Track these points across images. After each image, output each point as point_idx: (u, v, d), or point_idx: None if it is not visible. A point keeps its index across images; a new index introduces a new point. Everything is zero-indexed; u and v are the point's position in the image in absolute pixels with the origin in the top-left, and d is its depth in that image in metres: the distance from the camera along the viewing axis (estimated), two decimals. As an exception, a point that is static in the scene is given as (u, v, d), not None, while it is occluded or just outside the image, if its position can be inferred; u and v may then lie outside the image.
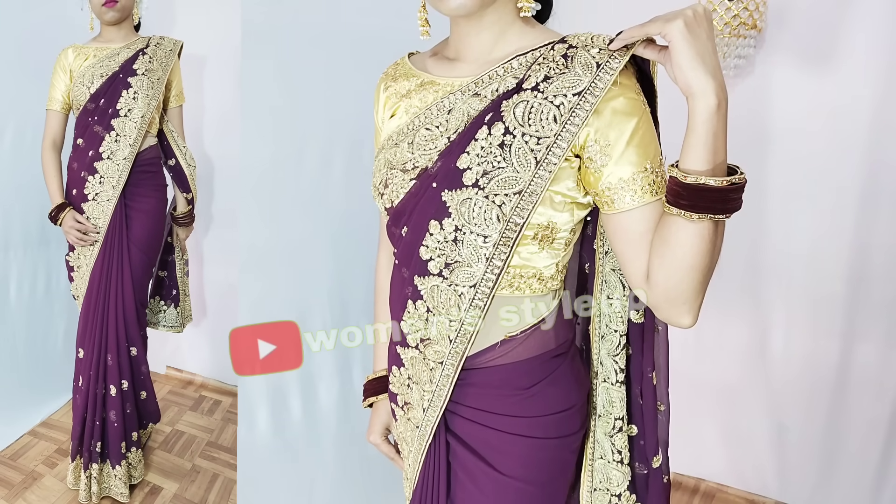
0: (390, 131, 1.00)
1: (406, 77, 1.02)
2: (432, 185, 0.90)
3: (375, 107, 1.08)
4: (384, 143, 1.01)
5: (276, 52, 1.65)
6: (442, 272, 0.91)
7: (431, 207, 0.90)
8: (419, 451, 1.04)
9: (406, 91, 1.00)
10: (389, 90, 1.04)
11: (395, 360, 1.05)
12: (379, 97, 1.06)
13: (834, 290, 2.07)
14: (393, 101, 1.02)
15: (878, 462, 2.09)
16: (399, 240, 0.98)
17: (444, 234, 0.89)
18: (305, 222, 1.76)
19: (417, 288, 0.94)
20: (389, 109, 1.03)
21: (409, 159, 0.95)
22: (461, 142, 0.89)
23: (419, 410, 1.01)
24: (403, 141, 0.97)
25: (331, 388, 1.83)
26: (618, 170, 0.85)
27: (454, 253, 0.89)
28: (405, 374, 1.03)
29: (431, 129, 0.93)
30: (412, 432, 1.05)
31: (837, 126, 1.99)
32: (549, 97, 0.85)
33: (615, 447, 1.02)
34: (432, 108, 0.94)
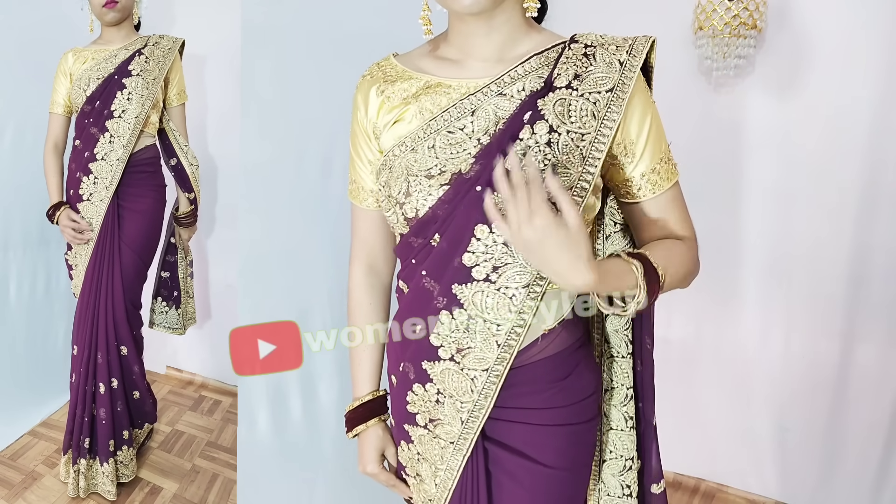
0: (400, 136, 0.95)
1: (403, 79, 0.98)
2: (475, 189, 0.89)
3: (362, 110, 1.02)
4: (394, 149, 0.96)
5: (276, 52, 1.65)
6: (489, 277, 0.90)
7: (477, 212, 0.88)
8: (455, 466, 1.01)
9: (411, 93, 0.96)
10: (386, 93, 0.98)
11: (419, 377, 1.00)
12: (369, 100, 1.00)
13: (834, 291, 2.07)
14: (395, 104, 0.97)
15: (879, 462, 2.09)
16: (424, 250, 0.95)
17: (494, 237, 0.89)
18: (305, 222, 1.75)
19: (457, 297, 0.92)
20: (390, 113, 0.97)
21: (435, 164, 0.92)
22: (499, 142, 0.89)
23: (455, 424, 0.98)
24: (421, 145, 0.93)
25: (331, 388, 1.83)
26: (640, 166, 0.95)
27: (504, 255, 0.89)
28: (432, 390, 0.99)
29: (454, 131, 0.91)
30: (441, 450, 1.01)
31: (837, 126, 1.99)
32: (584, 94, 0.89)
33: (627, 415, 1.14)
34: (451, 110, 0.91)
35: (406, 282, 1.01)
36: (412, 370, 1.01)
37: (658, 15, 2.17)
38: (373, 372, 1.15)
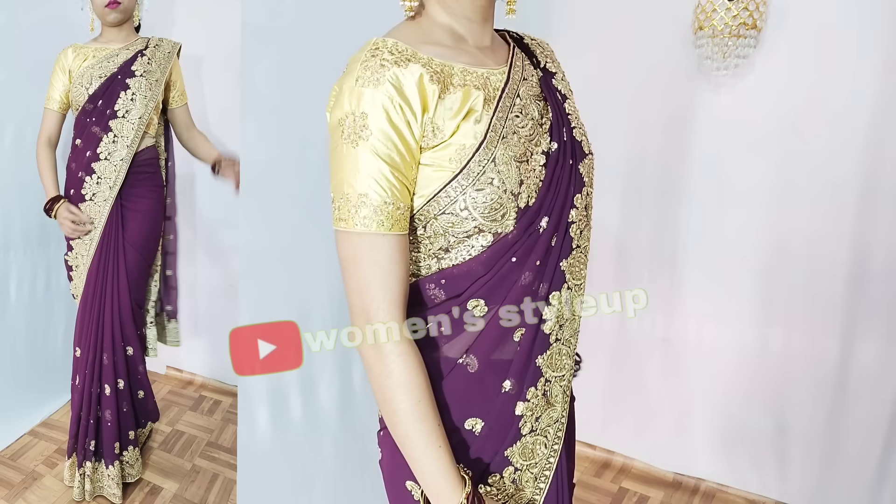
0: (483, 130, 0.87)
1: (448, 70, 0.87)
2: (569, 163, 0.93)
3: (420, 105, 0.83)
4: (490, 140, 0.86)
5: (276, 52, 1.65)
6: (579, 244, 0.95)
7: (571, 185, 0.93)
8: (557, 451, 0.99)
9: (475, 84, 0.88)
10: (454, 90, 0.86)
11: (532, 379, 0.93)
12: (426, 93, 0.83)
13: (834, 290, 2.07)
14: (464, 97, 0.86)
15: (878, 462, 2.09)
16: (529, 239, 0.90)
17: (584, 203, 0.95)
18: (305, 222, 1.75)
19: (564, 273, 0.93)
20: (459, 107, 0.86)
21: (526, 149, 0.90)
22: (558, 119, 0.95)
23: (558, 406, 0.98)
24: (511, 134, 0.89)
25: (331, 388, 1.83)
26: None
27: (585, 218, 0.96)
28: (541, 386, 0.95)
29: (521, 116, 0.91)
30: (545, 446, 0.98)
31: (836, 126, 1.99)
32: (561, 75, 1.03)
33: None
34: (505, 98, 0.90)
35: (485, 298, 0.90)
36: (523, 377, 0.93)
37: (658, 15, 2.17)
38: (453, 464, 0.89)
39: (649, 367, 2.45)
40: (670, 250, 2.33)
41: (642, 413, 2.47)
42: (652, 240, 2.36)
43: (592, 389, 2.54)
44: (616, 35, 2.26)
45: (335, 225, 0.87)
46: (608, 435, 2.56)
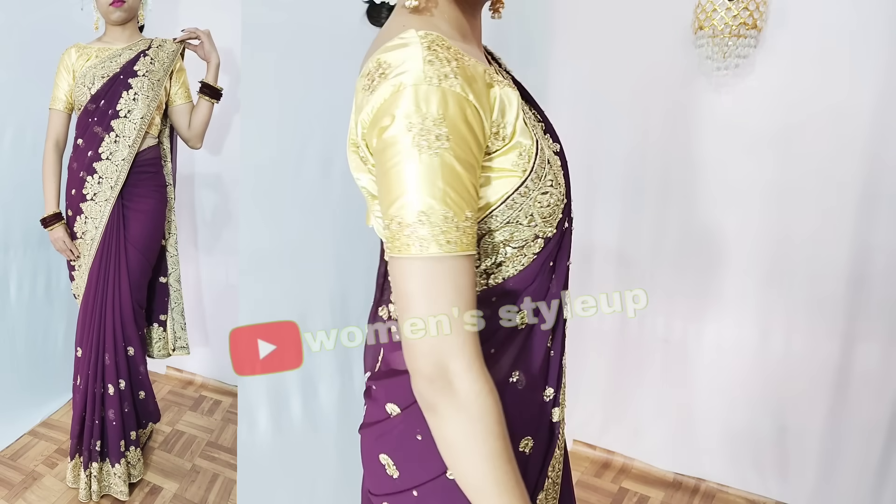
0: (530, 129, 0.80)
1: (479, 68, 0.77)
2: (566, 160, 0.91)
3: (488, 104, 0.74)
4: (540, 141, 0.81)
5: (277, 52, 1.65)
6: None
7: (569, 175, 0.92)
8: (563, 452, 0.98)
9: (501, 82, 0.79)
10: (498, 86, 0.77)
11: (559, 379, 0.90)
12: (487, 91, 0.75)
13: (834, 290, 2.07)
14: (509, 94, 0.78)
15: (879, 462, 2.08)
16: (565, 237, 0.87)
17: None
18: (306, 222, 1.75)
19: (568, 270, 0.91)
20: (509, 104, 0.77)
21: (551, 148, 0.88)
22: (546, 120, 0.92)
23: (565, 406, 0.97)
24: (544, 135, 0.88)
25: (331, 388, 1.83)
26: None
27: None
28: (564, 384, 0.93)
29: (530, 113, 0.88)
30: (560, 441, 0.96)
31: (837, 126, 1.99)
32: None
33: None
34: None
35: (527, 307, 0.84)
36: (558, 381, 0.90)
37: (658, 15, 2.17)
38: None
39: (649, 368, 2.44)
40: (670, 250, 2.33)
41: (642, 413, 2.47)
42: (652, 240, 2.36)
43: (593, 389, 2.54)
44: (616, 35, 2.26)
45: (402, 252, 0.69)
46: (608, 435, 2.56)
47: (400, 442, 0.87)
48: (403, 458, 0.87)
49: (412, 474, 0.86)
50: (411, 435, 0.85)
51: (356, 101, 0.75)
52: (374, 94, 0.71)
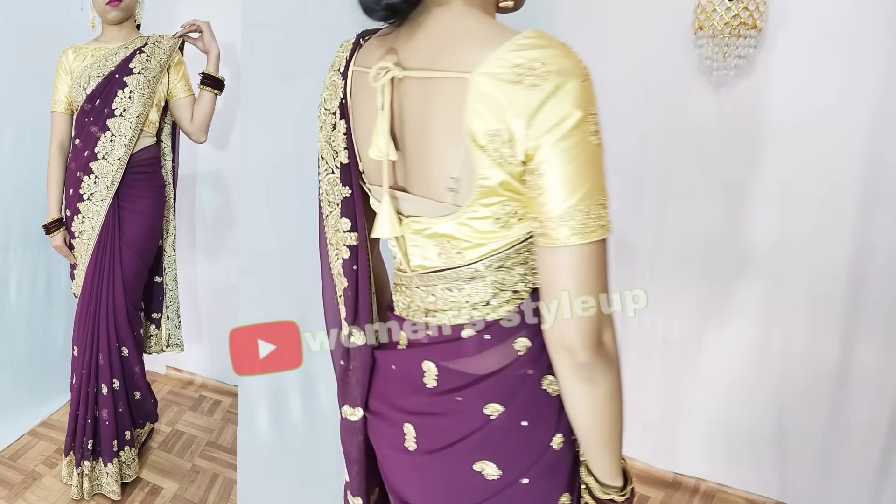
0: None
1: None
2: None
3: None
4: None
5: (277, 51, 1.65)
6: None
7: None
8: None
9: None
10: None
11: None
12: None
13: (834, 290, 2.07)
14: None
15: (879, 462, 2.09)
16: None
17: None
18: (306, 222, 1.75)
19: None
20: None
21: None
22: None
23: None
24: None
25: (331, 388, 1.83)
26: None
27: None
28: None
29: None
30: None
31: (837, 126, 1.99)
32: None
33: None
34: None
35: None
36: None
37: (658, 15, 2.17)
38: None
39: (649, 368, 2.44)
40: (670, 250, 2.33)
41: (642, 413, 2.47)
42: (652, 240, 2.36)
43: (592, 389, 2.54)
44: (616, 35, 2.26)
45: (589, 237, 0.75)
46: (608, 435, 2.55)
47: (503, 438, 0.89)
48: (507, 452, 0.90)
49: (518, 464, 0.89)
50: (516, 425, 0.88)
51: (495, 98, 0.74)
52: (535, 90, 0.72)
